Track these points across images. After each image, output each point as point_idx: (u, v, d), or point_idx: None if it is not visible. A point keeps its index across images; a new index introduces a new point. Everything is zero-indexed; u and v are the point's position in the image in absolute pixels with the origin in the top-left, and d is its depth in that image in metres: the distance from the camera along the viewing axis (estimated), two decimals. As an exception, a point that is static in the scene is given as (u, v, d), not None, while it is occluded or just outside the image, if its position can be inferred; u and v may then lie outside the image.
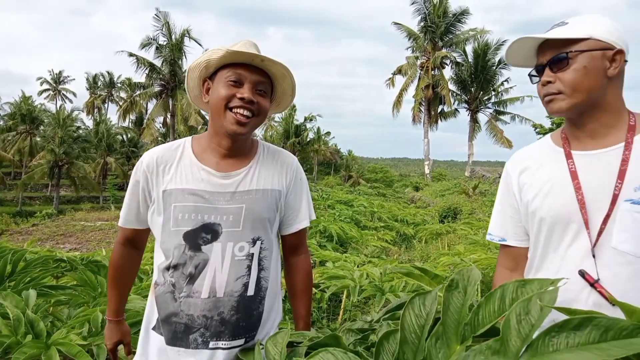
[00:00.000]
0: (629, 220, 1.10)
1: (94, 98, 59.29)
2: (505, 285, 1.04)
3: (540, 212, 1.23)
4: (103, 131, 39.00)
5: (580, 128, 1.21)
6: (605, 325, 0.86)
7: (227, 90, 1.27)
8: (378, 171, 50.12)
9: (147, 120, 33.75)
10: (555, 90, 1.16)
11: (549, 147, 1.30)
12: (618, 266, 1.10)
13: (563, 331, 0.88)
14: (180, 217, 1.28)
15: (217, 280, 1.27)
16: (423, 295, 1.14)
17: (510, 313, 0.95)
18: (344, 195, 17.05)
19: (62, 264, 2.85)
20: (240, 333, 1.30)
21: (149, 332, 1.34)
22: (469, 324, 1.02)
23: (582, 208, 1.15)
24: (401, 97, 34.52)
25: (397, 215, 11.69)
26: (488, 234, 1.44)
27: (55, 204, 31.58)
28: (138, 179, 1.36)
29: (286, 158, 1.47)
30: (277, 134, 41.00)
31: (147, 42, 29.57)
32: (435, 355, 1.02)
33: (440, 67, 33.01)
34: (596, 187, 1.15)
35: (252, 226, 1.32)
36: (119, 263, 1.47)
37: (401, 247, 8.35)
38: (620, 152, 1.14)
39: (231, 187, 1.32)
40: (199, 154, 1.36)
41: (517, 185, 1.32)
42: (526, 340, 0.90)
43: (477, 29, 32.54)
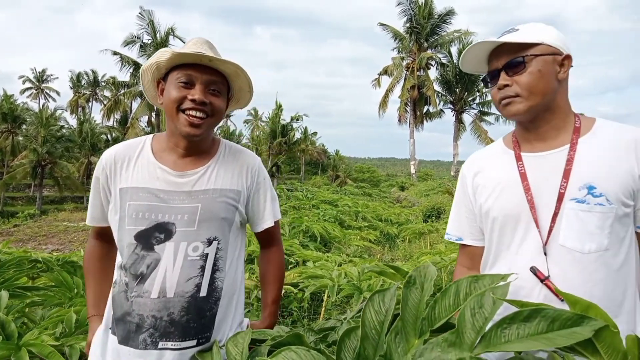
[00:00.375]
0: (575, 218, 1.15)
1: (77, 97, 58.45)
2: (460, 281, 1.08)
3: (492, 212, 1.27)
4: (87, 130, 38.47)
5: (532, 131, 1.26)
6: (552, 316, 0.90)
7: (177, 92, 1.26)
8: (365, 171, 50.34)
9: (131, 120, 33.34)
10: (513, 93, 1.20)
11: (501, 150, 1.35)
12: (566, 262, 1.15)
13: (514, 323, 0.92)
14: (134, 216, 1.26)
15: (168, 280, 1.24)
16: (382, 293, 1.16)
17: (464, 307, 0.99)
18: (329, 195, 17.10)
19: (37, 264, 2.82)
20: (192, 334, 1.27)
21: (107, 332, 1.32)
22: (427, 319, 1.05)
23: (531, 208, 1.19)
24: (387, 98, 34.71)
25: (382, 215, 11.77)
26: (446, 234, 1.49)
27: (37, 204, 31.08)
28: (98, 176, 1.35)
29: (248, 158, 1.45)
30: (264, 133, 40.88)
31: (131, 40, 29.23)
32: (394, 350, 1.04)
33: (425, 67, 33.25)
34: (544, 187, 1.19)
35: (208, 226, 1.30)
36: (92, 255, 1.46)
37: (385, 247, 8.41)
38: (566, 153, 1.19)
39: (187, 186, 1.30)
40: (158, 152, 1.35)
41: (471, 187, 1.37)
42: (480, 332, 0.94)
43: (461, 31, 32.87)
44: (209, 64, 1.28)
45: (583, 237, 1.14)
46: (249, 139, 57.50)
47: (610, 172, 1.14)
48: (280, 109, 38.55)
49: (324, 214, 9.88)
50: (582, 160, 1.17)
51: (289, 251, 4.74)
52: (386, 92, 34.66)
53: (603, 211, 1.13)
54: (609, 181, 1.13)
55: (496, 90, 1.24)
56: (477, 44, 1.25)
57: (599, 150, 1.17)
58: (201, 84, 1.27)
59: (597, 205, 1.13)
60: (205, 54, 1.25)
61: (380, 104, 34.76)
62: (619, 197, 1.13)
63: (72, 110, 57.35)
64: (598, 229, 1.13)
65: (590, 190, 1.14)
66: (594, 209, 1.13)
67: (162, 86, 1.34)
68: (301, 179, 44.61)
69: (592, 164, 1.16)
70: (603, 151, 1.17)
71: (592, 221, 1.13)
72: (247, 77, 1.35)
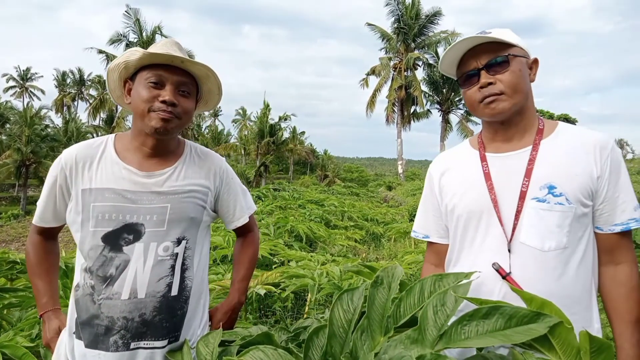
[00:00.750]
0: (535, 216, 1.18)
1: (63, 96, 57.68)
2: (424, 280, 1.11)
3: (457, 209, 1.31)
4: (72, 130, 37.98)
5: (500, 132, 1.29)
6: (509, 313, 0.93)
7: (147, 92, 1.25)
8: (354, 171, 50.40)
9: (117, 119, 32.94)
10: (498, 91, 1.21)
11: (466, 150, 1.38)
12: (527, 260, 1.18)
13: (473, 320, 0.95)
14: (100, 217, 1.25)
15: (139, 281, 1.24)
16: (351, 292, 1.19)
17: (427, 305, 1.01)
18: (316, 194, 17.11)
19: (16, 266, 2.79)
20: (164, 334, 1.28)
21: (71, 337, 1.30)
22: (392, 316, 1.08)
23: (495, 206, 1.23)
24: (375, 98, 34.82)
25: (368, 214, 11.80)
26: (413, 231, 1.52)
27: (22, 205, 30.56)
28: (55, 176, 1.31)
29: (214, 159, 1.47)
30: (252, 133, 40.71)
31: (117, 39, 28.90)
32: (360, 347, 1.06)
33: (412, 68, 33.40)
34: (507, 186, 1.23)
35: (177, 226, 1.31)
36: (38, 249, 1.41)
37: (370, 246, 8.44)
38: (529, 154, 1.22)
39: (155, 187, 1.30)
40: (122, 152, 1.33)
41: (438, 186, 1.40)
42: (442, 329, 0.96)
43: (448, 31, 33.10)
44: (181, 65, 1.28)
45: (543, 235, 1.17)
46: (237, 138, 57.26)
47: (570, 173, 1.18)
48: (268, 109, 38.42)
49: (310, 213, 9.88)
50: (543, 161, 1.20)
51: (273, 251, 4.74)
52: (374, 92, 34.77)
53: (563, 210, 1.16)
54: (568, 181, 1.17)
55: (476, 90, 1.24)
56: (466, 39, 1.24)
57: (560, 152, 1.21)
58: (171, 85, 1.27)
59: (557, 204, 1.16)
60: (177, 55, 1.25)
61: (368, 104, 34.86)
62: (578, 197, 1.17)
63: (57, 109, 56.58)
64: (558, 227, 1.17)
65: (551, 189, 1.17)
66: (554, 208, 1.17)
67: (129, 86, 1.33)
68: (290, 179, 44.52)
69: (553, 165, 1.19)
70: (564, 153, 1.21)
71: (552, 220, 1.17)
72: (217, 79, 1.35)
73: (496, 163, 1.27)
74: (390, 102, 34.07)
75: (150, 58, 1.26)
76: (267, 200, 13.89)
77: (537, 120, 1.28)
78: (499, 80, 1.20)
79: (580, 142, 1.21)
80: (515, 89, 1.20)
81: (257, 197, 15.35)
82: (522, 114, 1.25)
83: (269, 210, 10.87)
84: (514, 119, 1.25)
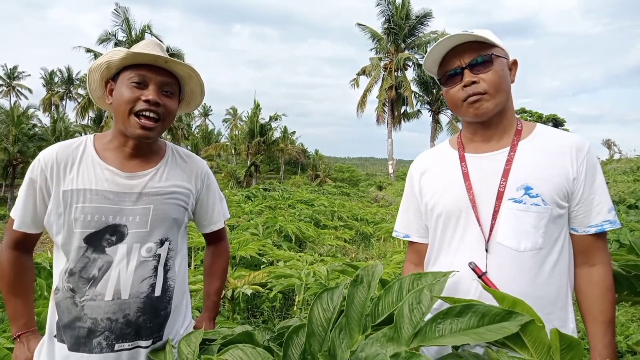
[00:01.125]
0: (512, 217, 1.20)
1: (50, 95, 56.95)
2: (403, 278, 1.12)
3: (436, 209, 1.32)
4: (61, 129, 37.53)
5: (479, 133, 1.30)
6: (482, 311, 0.95)
7: (130, 92, 1.24)
8: (345, 170, 50.46)
9: (106, 118, 32.67)
10: (481, 90, 1.21)
11: (446, 151, 1.39)
12: (504, 259, 1.20)
13: (447, 318, 0.97)
14: (82, 219, 1.24)
15: (122, 282, 1.24)
16: (331, 291, 1.20)
17: (403, 303, 1.03)
18: (306, 194, 17.10)
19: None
20: (148, 334, 1.28)
21: (52, 340, 1.28)
22: (370, 315, 1.09)
23: (473, 207, 1.24)
24: (365, 98, 34.86)
25: (358, 214, 11.84)
26: (394, 231, 1.53)
27: (8, 205, 30.16)
28: (35, 178, 1.27)
29: (196, 162, 1.47)
30: (242, 133, 40.58)
31: (106, 38, 28.65)
32: (338, 346, 1.07)
33: (403, 68, 33.50)
34: (485, 186, 1.24)
35: (160, 227, 1.31)
36: (14, 267, 1.33)
37: (360, 246, 8.47)
38: (507, 154, 1.24)
39: (137, 188, 1.30)
40: (102, 152, 1.32)
41: (418, 186, 1.41)
42: (417, 327, 0.98)
43: (438, 32, 33.24)
44: (164, 65, 1.28)
45: (519, 236, 1.19)
46: (227, 138, 57.05)
47: (546, 174, 1.19)
48: (259, 108, 38.32)
49: (299, 213, 9.89)
50: (520, 162, 1.22)
51: (261, 251, 4.75)
52: (364, 92, 34.82)
53: (538, 211, 1.18)
54: (545, 183, 1.19)
55: (459, 88, 1.24)
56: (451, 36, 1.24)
57: (538, 153, 1.22)
58: (155, 85, 1.27)
59: (533, 205, 1.18)
60: (161, 55, 1.25)
61: (358, 104, 34.90)
62: (553, 198, 1.18)
63: (45, 109, 55.88)
64: (533, 228, 1.18)
65: (527, 190, 1.19)
66: (530, 209, 1.18)
67: (110, 86, 1.31)
68: (281, 179, 44.46)
69: (530, 166, 1.21)
70: (541, 154, 1.22)
71: (528, 220, 1.18)
72: (200, 80, 1.35)
73: (475, 163, 1.29)
74: (381, 102, 34.15)
75: (134, 58, 1.25)
76: (256, 200, 13.86)
77: (515, 122, 1.30)
78: (482, 80, 1.21)
79: (557, 144, 1.23)
80: (498, 89, 1.21)
81: (246, 197, 15.31)
82: (502, 115, 1.27)
83: (258, 210, 10.85)
84: (494, 119, 1.26)
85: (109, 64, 1.28)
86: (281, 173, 49.76)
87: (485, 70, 1.21)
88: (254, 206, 11.47)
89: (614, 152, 20.81)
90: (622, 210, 6.75)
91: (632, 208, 6.86)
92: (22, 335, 1.35)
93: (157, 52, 1.27)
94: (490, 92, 1.21)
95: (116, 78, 1.30)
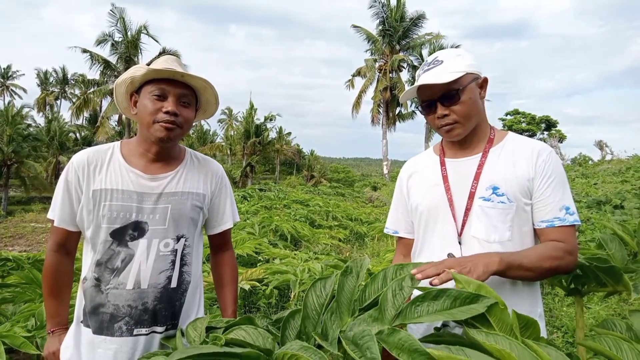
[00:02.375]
0: (482, 213, 1.37)
1: (45, 95, 56.71)
2: (387, 268, 1.27)
3: (420, 207, 1.50)
4: (55, 129, 37.43)
5: (456, 143, 1.48)
6: (454, 295, 1.10)
7: (153, 104, 1.39)
8: (340, 171, 50.56)
9: (101, 119, 32.60)
10: (452, 120, 1.40)
11: (430, 156, 1.58)
12: (476, 250, 1.35)
13: (425, 301, 1.11)
14: (109, 215, 1.38)
15: (142, 273, 1.39)
16: (324, 280, 1.34)
17: (387, 289, 1.18)
18: (301, 195, 17.25)
19: (8, 263, 2.89)
20: (163, 321, 1.42)
21: (79, 325, 1.42)
22: (358, 300, 1.24)
23: (450, 205, 1.42)
24: (360, 99, 34.99)
25: (352, 214, 11.99)
26: (386, 228, 1.71)
27: (3, 205, 30.02)
28: (70, 178, 1.42)
29: (212, 166, 1.62)
30: (238, 133, 40.63)
31: (103, 39, 28.62)
32: (330, 327, 1.21)
33: (397, 70, 33.65)
34: (460, 187, 1.42)
35: (177, 225, 1.45)
36: (54, 271, 1.48)
37: (354, 245, 8.62)
38: (479, 159, 1.42)
39: (158, 189, 1.44)
40: (128, 157, 1.47)
41: (406, 187, 1.59)
42: (399, 309, 1.13)
43: (432, 34, 33.48)
44: (181, 79, 1.42)
45: (489, 229, 1.36)
46: (223, 138, 57.02)
47: (510, 176, 1.36)
48: (254, 109, 38.41)
49: (294, 213, 10.03)
50: (490, 166, 1.39)
51: (257, 249, 4.88)
52: (359, 93, 34.94)
53: (504, 207, 1.35)
54: (509, 183, 1.36)
55: (434, 117, 1.43)
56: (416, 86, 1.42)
57: (505, 158, 1.40)
58: (173, 97, 1.41)
59: (499, 202, 1.35)
60: (178, 70, 1.40)
61: (353, 105, 35.05)
62: (517, 196, 1.35)
63: (40, 109, 55.66)
64: (501, 222, 1.35)
65: (495, 190, 1.36)
66: (497, 206, 1.35)
67: (134, 98, 1.47)
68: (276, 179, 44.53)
69: (497, 169, 1.38)
70: (507, 159, 1.39)
71: (496, 216, 1.35)
72: (214, 90, 1.50)
73: (453, 167, 1.47)
74: (376, 103, 34.32)
75: (154, 74, 1.40)
76: (252, 200, 13.98)
77: (489, 131, 1.47)
78: (453, 111, 1.39)
79: (522, 150, 1.40)
80: (467, 117, 1.39)
81: (242, 198, 15.42)
82: (475, 130, 1.45)
83: (254, 210, 10.98)
84: (468, 135, 1.45)
85: (132, 79, 1.43)
86: (276, 173, 49.82)
87: (455, 102, 1.38)
88: (250, 206, 11.60)
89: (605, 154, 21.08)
90: (608, 210, 6.95)
91: (618, 208, 7.06)
92: (56, 331, 1.51)
93: (175, 67, 1.42)
94: (461, 122, 1.39)
95: (139, 91, 1.45)
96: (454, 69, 1.37)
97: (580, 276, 1.49)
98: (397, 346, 1.01)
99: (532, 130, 39.64)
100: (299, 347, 1.06)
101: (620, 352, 0.96)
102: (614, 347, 0.98)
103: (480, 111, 1.43)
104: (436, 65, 1.40)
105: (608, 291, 1.44)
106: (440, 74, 1.37)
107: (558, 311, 4.45)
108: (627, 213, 6.58)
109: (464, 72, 1.37)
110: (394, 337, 1.04)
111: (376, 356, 0.98)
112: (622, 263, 1.52)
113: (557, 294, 4.89)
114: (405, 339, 1.01)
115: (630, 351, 0.95)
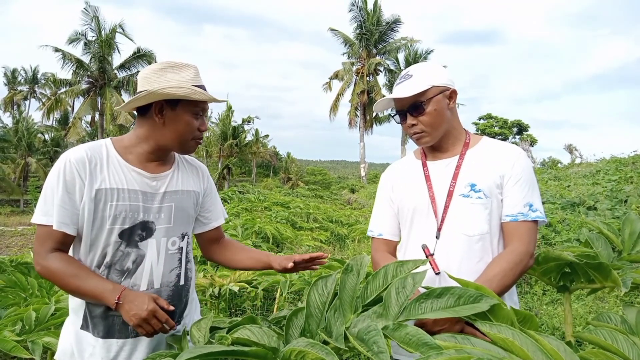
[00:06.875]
0: (460, 209, 1.49)
1: (13, 94, 54.94)
2: (387, 266, 1.31)
3: (406, 205, 1.61)
4: (23, 130, 36.28)
5: (434, 147, 1.62)
6: (458, 293, 1.14)
7: (194, 122, 1.43)
8: (317, 173, 50.68)
9: (73, 119, 31.80)
10: (419, 130, 1.54)
11: (411, 160, 1.70)
12: (455, 244, 1.48)
13: (429, 298, 1.15)
14: (116, 216, 1.34)
15: (154, 273, 1.39)
16: (325, 278, 1.37)
17: (391, 287, 1.21)
18: (281, 197, 17.22)
19: (-10, 267, 2.80)
20: (173, 318, 1.41)
21: (78, 333, 1.37)
22: (360, 297, 1.27)
23: (432, 202, 1.53)
24: (338, 101, 35.20)
25: (332, 216, 12.05)
26: (369, 231, 1.79)
27: (-31, 207, 28.98)
28: (69, 177, 1.32)
29: (201, 166, 1.67)
30: (214, 135, 40.23)
31: (75, 38, 27.95)
32: (334, 324, 1.24)
33: (374, 73, 34.02)
34: (441, 186, 1.54)
35: (181, 222, 1.48)
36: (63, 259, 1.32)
37: (335, 247, 8.67)
38: (457, 161, 1.55)
39: (162, 188, 1.45)
40: (124, 155, 1.42)
41: (391, 191, 1.69)
42: (402, 306, 1.16)
43: (407, 38, 33.98)
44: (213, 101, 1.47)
45: (466, 224, 1.47)
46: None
47: (485, 174, 1.49)
48: (231, 111, 38.09)
49: (276, 215, 10.02)
50: (467, 166, 1.52)
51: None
52: (337, 96, 35.16)
53: (482, 203, 1.47)
54: (484, 180, 1.48)
55: (406, 126, 1.57)
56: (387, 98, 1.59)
57: (481, 158, 1.53)
58: (205, 115, 1.49)
59: (477, 198, 1.47)
60: (218, 99, 1.45)
61: (331, 108, 35.22)
62: (492, 191, 1.47)
63: (7, 108, 53.88)
64: (478, 217, 1.47)
65: (472, 187, 1.48)
66: (475, 202, 1.47)
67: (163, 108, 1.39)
68: (253, 181, 44.32)
69: (474, 169, 1.51)
70: (482, 159, 1.52)
71: (474, 211, 1.47)
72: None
73: (434, 168, 1.59)
74: (353, 106, 34.56)
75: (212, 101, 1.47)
76: (233, 203, 13.89)
77: (464, 135, 1.60)
78: (420, 122, 1.53)
79: (496, 151, 1.53)
80: (433, 126, 1.53)
81: (222, 200, 15.25)
82: (447, 135, 1.58)
83: (235, 212, 10.92)
84: (441, 140, 1.58)
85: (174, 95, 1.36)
86: (253, 176, 49.60)
87: (421, 113, 1.51)
88: (230, 208, 11.52)
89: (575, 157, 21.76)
90: (582, 211, 7.19)
91: (591, 209, 7.31)
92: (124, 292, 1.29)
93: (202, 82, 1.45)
94: (427, 130, 1.53)
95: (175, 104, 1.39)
96: (420, 83, 1.50)
97: (569, 273, 1.56)
98: (404, 341, 1.05)
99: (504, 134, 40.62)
100: (306, 343, 1.09)
101: (615, 342, 1.02)
102: (609, 338, 1.04)
103: (448, 120, 1.55)
104: (406, 79, 1.53)
105: (595, 287, 1.50)
106: (407, 88, 1.50)
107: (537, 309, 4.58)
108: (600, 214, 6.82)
109: (429, 86, 1.49)
110: (401, 332, 1.08)
111: (383, 349, 1.01)
112: (608, 260, 1.60)
113: (535, 293, 5.04)
114: (413, 333, 1.05)
115: (625, 342, 1.01)
